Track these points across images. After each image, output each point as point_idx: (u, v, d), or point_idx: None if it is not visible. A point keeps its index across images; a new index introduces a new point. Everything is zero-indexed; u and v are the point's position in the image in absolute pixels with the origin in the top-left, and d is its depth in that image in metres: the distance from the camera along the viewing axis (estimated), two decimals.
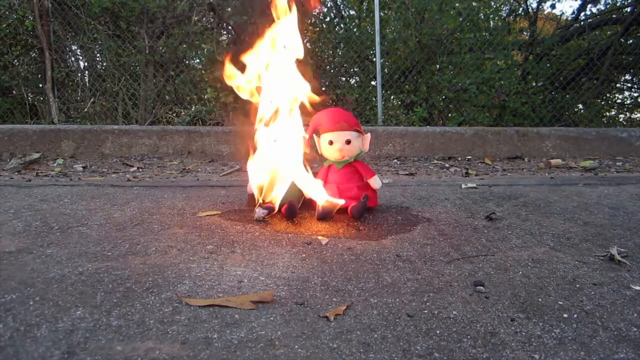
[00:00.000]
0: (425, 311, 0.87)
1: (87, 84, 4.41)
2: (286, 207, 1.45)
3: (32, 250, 1.17)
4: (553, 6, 5.89)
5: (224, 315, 0.84)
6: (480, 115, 4.51)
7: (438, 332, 0.79)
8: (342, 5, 5.46)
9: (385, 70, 4.63)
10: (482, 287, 0.97)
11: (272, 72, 1.50)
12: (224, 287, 0.96)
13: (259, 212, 1.46)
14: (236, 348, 0.73)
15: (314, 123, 1.59)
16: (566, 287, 0.99)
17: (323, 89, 4.50)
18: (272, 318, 0.83)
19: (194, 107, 4.46)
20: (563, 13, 6.32)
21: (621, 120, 5.84)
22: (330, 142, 1.54)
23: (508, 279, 1.03)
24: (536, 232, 1.40)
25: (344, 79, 5.07)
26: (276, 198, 1.47)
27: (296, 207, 1.46)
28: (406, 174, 2.63)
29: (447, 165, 3.00)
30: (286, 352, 0.72)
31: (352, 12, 5.44)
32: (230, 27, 4.69)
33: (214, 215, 1.55)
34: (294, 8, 1.47)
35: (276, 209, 1.48)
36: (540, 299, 0.93)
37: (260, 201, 1.49)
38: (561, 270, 1.09)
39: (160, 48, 4.28)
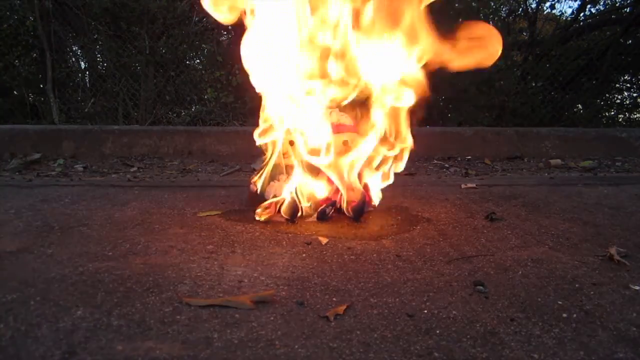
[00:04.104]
0: (425, 311, 0.87)
1: (88, 84, 4.41)
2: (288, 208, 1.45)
3: (32, 250, 1.17)
4: (552, 7, 5.88)
5: (224, 315, 0.84)
6: (480, 115, 4.51)
7: (438, 331, 0.80)
8: None
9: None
10: (481, 287, 0.97)
11: None
12: (224, 287, 0.97)
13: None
14: (236, 348, 0.73)
15: None
16: (565, 287, 0.99)
17: None
18: (272, 318, 0.84)
19: (194, 108, 4.46)
20: (562, 13, 6.31)
21: (620, 120, 5.84)
22: None
23: (507, 279, 1.03)
24: (536, 232, 1.40)
25: None
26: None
27: (297, 208, 1.46)
28: (406, 174, 2.63)
29: (446, 165, 3.00)
30: (286, 352, 0.72)
31: None
32: (230, 27, 4.70)
33: (214, 215, 1.56)
34: None
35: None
36: (539, 299, 0.93)
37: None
38: (560, 270, 1.09)
39: (161, 48, 4.29)
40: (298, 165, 1.50)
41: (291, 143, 1.52)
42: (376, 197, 1.59)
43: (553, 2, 5.63)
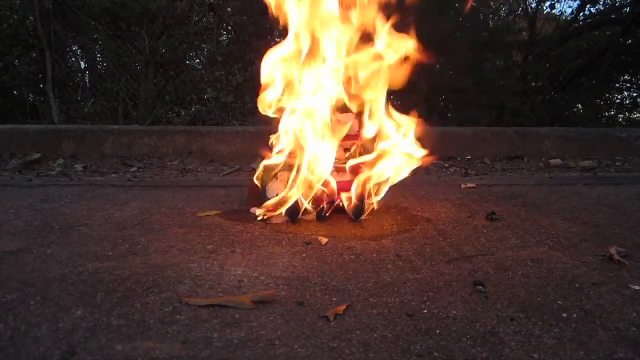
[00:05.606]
0: (425, 311, 0.87)
1: (88, 84, 4.41)
2: (288, 207, 1.45)
3: (32, 250, 1.17)
4: (552, 7, 5.88)
5: (224, 315, 0.84)
6: (480, 115, 4.51)
7: (438, 331, 0.79)
8: None
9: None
10: (481, 287, 0.97)
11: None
12: (224, 287, 0.97)
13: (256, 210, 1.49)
14: (236, 348, 0.73)
15: None
16: (565, 287, 0.99)
17: None
18: (272, 318, 0.84)
19: (194, 108, 4.46)
20: (562, 13, 6.32)
21: (620, 120, 5.85)
22: None
23: (508, 279, 1.03)
24: (535, 232, 1.40)
25: None
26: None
27: (299, 208, 1.46)
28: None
29: (446, 165, 3.00)
30: (286, 352, 0.72)
31: None
32: (230, 27, 4.70)
33: (214, 215, 1.56)
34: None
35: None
36: (539, 299, 0.93)
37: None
38: (560, 270, 1.09)
39: (161, 48, 4.29)
40: (299, 166, 1.50)
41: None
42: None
43: (553, 2, 5.64)
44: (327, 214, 1.49)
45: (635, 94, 5.94)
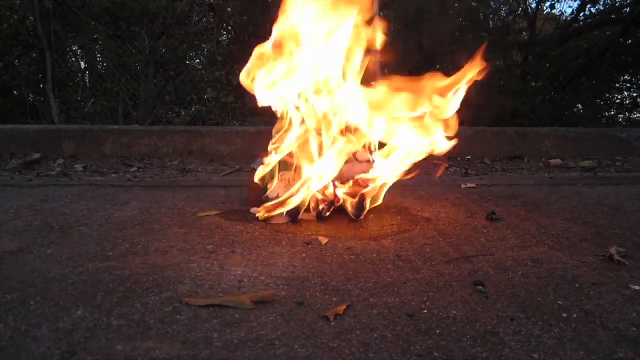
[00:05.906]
0: (425, 311, 0.87)
1: (88, 84, 4.41)
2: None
3: (32, 250, 1.17)
4: (552, 7, 5.89)
5: (224, 315, 0.84)
6: (480, 115, 4.51)
7: (438, 331, 0.79)
8: None
9: (386, 70, 4.62)
10: (481, 287, 0.97)
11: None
12: (224, 287, 0.97)
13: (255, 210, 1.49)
14: (236, 348, 0.73)
15: None
16: (565, 287, 0.99)
17: None
18: (272, 318, 0.84)
19: (194, 108, 4.46)
20: (562, 13, 6.32)
21: (620, 120, 5.85)
22: None
23: (507, 279, 1.03)
24: (535, 232, 1.40)
25: None
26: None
27: (299, 208, 1.46)
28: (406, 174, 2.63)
29: (446, 165, 3.00)
30: (286, 352, 0.72)
31: None
32: (230, 27, 4.70)
33: (214, 215, 1.56)
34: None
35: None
36: (539, 299, 0.93)
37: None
38: (560, 270, 1.09)
39: (161, 48, 4.29)
40: (302, 166, 1.50)
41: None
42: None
43: (553, 2, 5.64)
44: (327, 214, 1.49)
45: (635, 94, 5.94)
